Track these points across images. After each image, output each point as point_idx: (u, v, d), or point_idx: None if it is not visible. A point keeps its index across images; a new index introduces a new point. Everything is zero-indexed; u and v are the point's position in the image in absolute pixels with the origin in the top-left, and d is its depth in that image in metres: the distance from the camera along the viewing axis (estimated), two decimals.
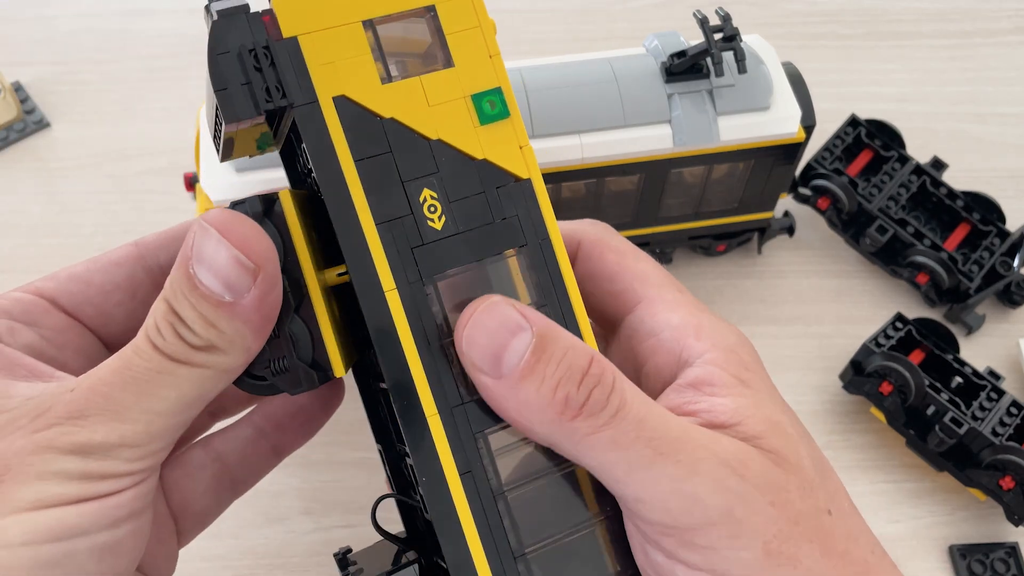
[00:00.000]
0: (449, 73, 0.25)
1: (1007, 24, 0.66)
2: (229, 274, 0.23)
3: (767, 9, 0.66)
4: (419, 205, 0.24)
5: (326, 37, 0.24)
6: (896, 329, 0.48)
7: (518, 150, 0.25)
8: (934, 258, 0.49)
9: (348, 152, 0.24)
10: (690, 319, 0.28)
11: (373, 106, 0.24)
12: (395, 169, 0.24)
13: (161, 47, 0.63)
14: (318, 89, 0.24)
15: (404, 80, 0.24)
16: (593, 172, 0.44)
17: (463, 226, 0.25)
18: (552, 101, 0.43)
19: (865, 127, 0.53)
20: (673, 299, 0.28)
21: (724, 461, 0.23)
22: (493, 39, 0.25)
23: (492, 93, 0.25)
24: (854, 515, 0.26)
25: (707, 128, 0.43)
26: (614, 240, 0.30)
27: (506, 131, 0.25)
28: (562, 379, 0.23)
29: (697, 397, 0.26)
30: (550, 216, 0.26)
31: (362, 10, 0.24)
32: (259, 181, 0.41)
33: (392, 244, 0.24)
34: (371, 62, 0.24)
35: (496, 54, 0.25)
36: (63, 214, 0.55)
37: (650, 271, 0.29)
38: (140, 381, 0.23)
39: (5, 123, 0.58)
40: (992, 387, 0.46)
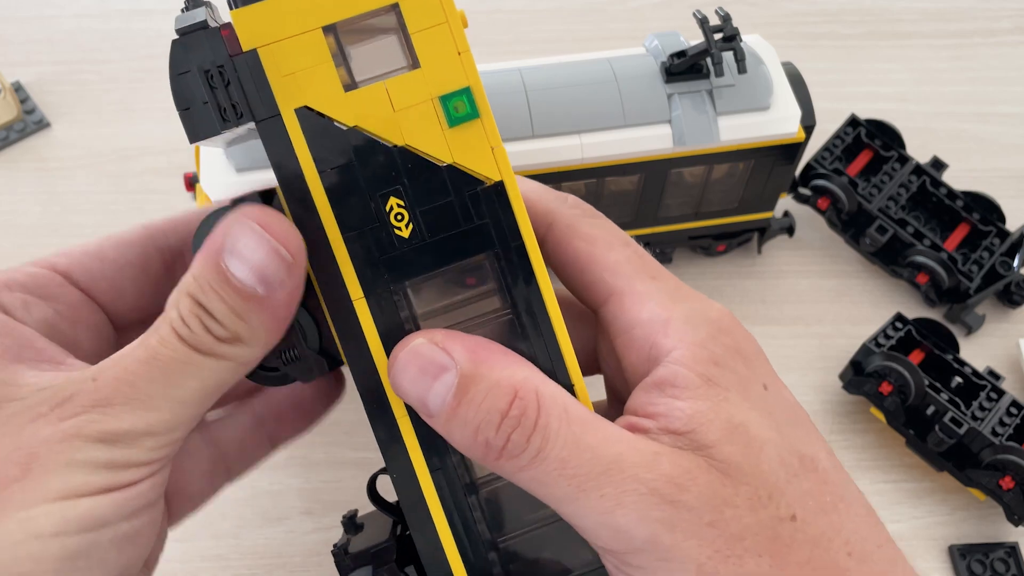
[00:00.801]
0: (415, 75, 0.24)
1: (1007, 24, 0.66)
2: (267, 267, 0.23)
3: (767, 9, 0.66)
4: (385, 214, 0.24)
5: (286, 47, 0.23)
6: (896, 329, 0.48)
7: (489, 152, 0.24)
8: (934, 258, 0.49)
9: (312, 164, 0.24)
10: (660, 313, 0.26)
11: (336, 115, 0.24)
12: (360, 179, 0.24)
13: (161, 47, 0.63)
14: (280, 101, 0.23)
15: (369, 86, 0.24)
16: (593, 172, 0.44)
17: (431, 234, 0.24)
18: (552, 101, 0.43)
19: (865, 127, 0.53)
20: (644, 291, 0.27)
21: (654, 489, 0.23)
22: (462, 34, 0.24)
23: (460, 94, 0.24)
24: (837, 512, 0.24)
25: (707, 128, 0.43)
26: (585, 226, 0.28)
27: (476, 133, 0.24)
28: (481, 424, 0.23)
29: (659, 399, 0.25)
30: (523, 219, 0.25)
31: (322, 16, 0.23)
32: (259, 181, 0.41)
33: (359, 254, 0.24)
34: (333, 70, 0.23)
35: (465, 50, 0.24)
36: (63, 214, 0.55)
37: (621, 261, 0.27)
38: (167, 371, 0.24)
39: (5, 123, 0.58)
40: (992, 387, 0.46)
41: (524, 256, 0.25)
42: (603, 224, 0.29)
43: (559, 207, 0.28)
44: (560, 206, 0.28)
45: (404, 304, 0.25)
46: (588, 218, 0.28)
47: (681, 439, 0.24)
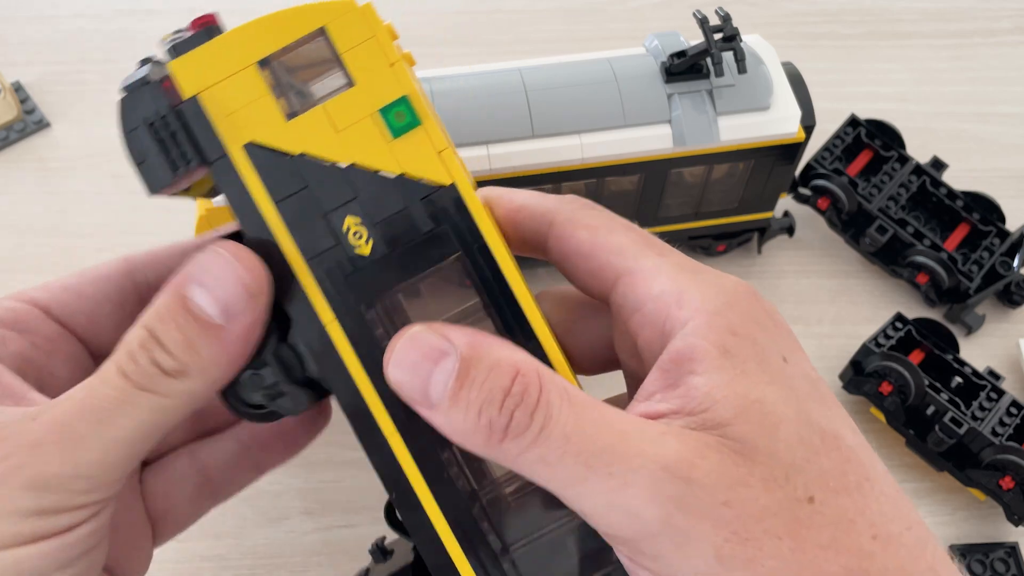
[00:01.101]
0: (352, 93, 0.24)
1: (1007, 24, 0.66)
2: (230, 297, 0.23)
3: (767, 9, 0.66)
4: (344, 234, 0.24)
5: (225, 88, 0.24)
6: (896, 329, 0.48)
7: (436, 156, 0.24)
8: (934, 258, 0.49)
9: (267, 196, 0.24)
10: (671, 285, 0.25)
11: (282, 145, 0.24)
12: (314, 204, 0.24)
13: None
14: (227, 141, 0.24)
15: (309, 111, 0.24)
16: (593, 172, 0.44)
17: (391, 246, 0.24)
18: (552, 101, 0.43)
19: (865, 127, 0.53)
20: (653, 266, 0.26)
21: (664, 466, 0.22)
22: (391, 46, 0.24)
23: (398, 104, 0.24)
24: (861, 492, 0.23)
25: (707, 128, 0.43)
26: (587, 216, 0.27)
27: (421, 140, 0.24)
28: (484, 403, 0.23)
29: (675, 377, 0.24)
30: (480, 217, 0.25)
31: (254, 52, 0.24)
32: None
33: (324, 277, 0.24)
34: (273, 102, 0.24)
35: (396, 61, 0.24)
36: (63, 214, 0.55)
37: (625, 242, 0.26)
38: (100, 409, 0.23)
39: (5, 123, 0.58)
40: (992, 387, 0.46)
41: (489, 255, 0.25)
42: (603, 213, 0.28)
43: (557, 205, 0.28)
44: (557, 204, 0.28)
45: (378, 321, 0.25)
46: (586, 209, 0.28)
47: (694, 419, 0.23)
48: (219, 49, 0.24)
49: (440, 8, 0.65)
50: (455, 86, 0.43)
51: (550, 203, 0.28)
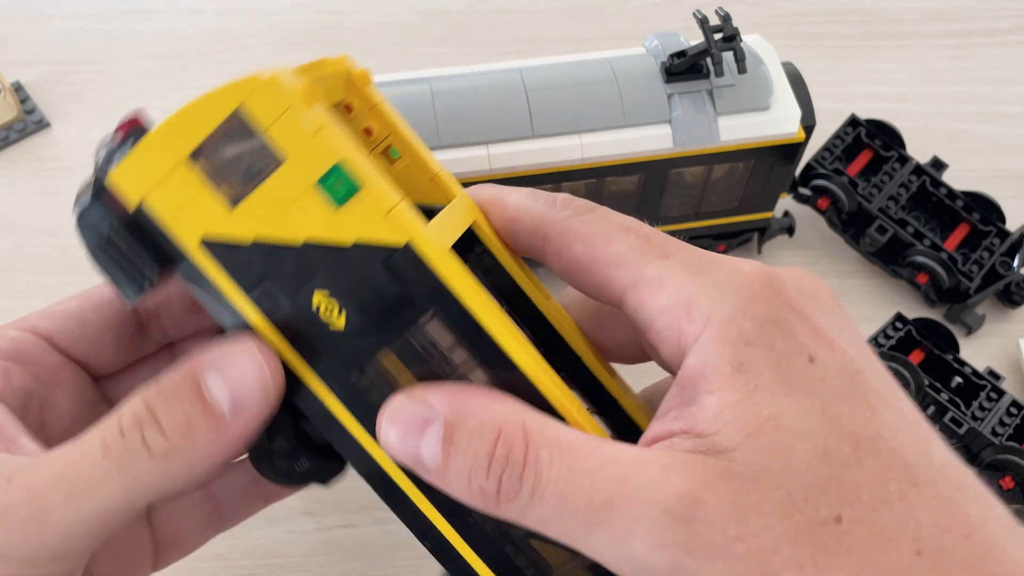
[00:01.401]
0: (285, 169, 0.23)
1: (1007, 24, 0.66)
2: (246, 392, 0.23)
3: (767, 9, 0.66)
4: (315, 312, 0.24)
5: (165, 189, 0.23)
6: (896, 329, 0.48)
7: (385, 217, 0.23)
8: (934, 258, 0.50)
9: (235, 288, 0.24)
10: (678, 294, 0.23)
11: (234, 235, 0.23)
12: (281, 287, 0.24)
13: (161, 47, 0.63)
14: (183, 242, 0.24)
15: (250, 195, 0.23)
16: (593, 172, 0.44)
17: (363, 315, 0.24)
18: (552, 101, 0.43)
19: (865, 127, 0.53)
20: (657, 274, 0.24)
21: (666, 508, 0.20)
22: (311, 112, 0.23)
23: (332, 173, 0.23)
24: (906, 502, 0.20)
25: (707, 128, 0.43)
26: (581, 225, 0.26)
27: (366, 202, 0.23)
28: (472, 470, 0.22)
29: (691, 395, 0.22)
30: (447, 268, 0.23)
31: (182, 147, 0.23)
32: None
33: (311, 356, 0.24)
34: (212, 193, 0.23)
35: (322, 127, 0.22)
36: (63, 214, 0.55)
37: (624, 250, 0.25)
38: (74, 483, 0.23)
39: (5, 123, 0.58)
40: (992, 387, 0.46)
41: (457, 303, 0.23)
42: (598, 217, 0.26)
43: (548, 214, 0.26)
44: (549, 212, 0.26)
45: (374, 386, 0.25)
46: (580, 216, 0.26)
47: (704, 441, 0.21)
48: (148, 151, 0.23)
49: (440, 8, 0.65)
50: (455, 86, 0.43)
51: (542, 211, 0.26)
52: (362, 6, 0.66)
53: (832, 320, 0.23)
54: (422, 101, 0.42)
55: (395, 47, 0.64)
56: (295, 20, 0.65)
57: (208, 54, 0.63)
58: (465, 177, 0.43)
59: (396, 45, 0.64)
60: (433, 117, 0.42)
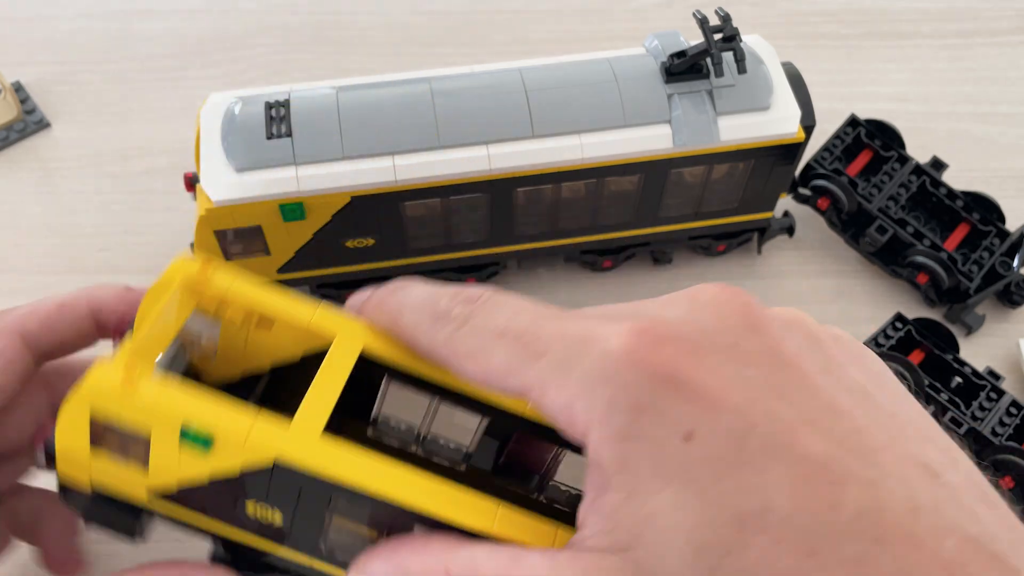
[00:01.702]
0: (155, 439, 0.26)
1: (1007, 24, 0.66)
2: None
3: (767, 9, 0.66)
4: (254, 518, 0.27)
5: (95, 471, 0.27)
6: (896, 329, 0.48)
7: (245, 447, 0.25)
8: (934, 258, 0.50)
9: (191, 513, 0.28)
10: (560, 401, 0.22)
11: (158, 487, 0.27)
12: (223, 509, 0.27)
13: (161, 47, 0.63)
14: (137, 499, 0.27)
15: (150, 459, 0.26)
16: (593, 172, 0.44)
17: (288, 511, 0.27)
18: (552, 101, 0.43)
19: (865, 127, 0.53)
20: (537, 381, 0.23)
21: None
22: (138, 398, 0.26)
23: (184, 434, 0.26)
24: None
25: (707, 128, 0.43)
26: (462, 344, 0.24)
27: (226, 442, 0.25)
28: None
29: (590, 501, 0.22)
30: (317, 463, 0.25)
31: (81, 443, 0.27)
32: (259, 181, 0.41)
33: (276, 539, 0.28)
34: (126, 465, 0.27)
35: (155, 405, 0.26)
36: (63, 214, 0.55)
37: (504, 361, 0.23)
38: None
39: (5, 123, 0.58)
40: (992, 387, 0.46)
41: (341, 486, 0.25)
42: (474, 329, 0.25)
43: (436, 338, 0.25)
44: (437, 335, 0.25)
45: (336, 542, 0.27)
46: (460, 331, 0.25)
47: (607, 538, 0.21)
48: (64, 449, 0.27)
49: (440, 8, 0.65)
50: (455, 86, 0.43)
51: (428, 337, 0.26)
52: (362, 6, 0.66)
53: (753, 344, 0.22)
54: (422, 101, 0.42)
55: (395, 47, 0.64)
56: (295, 20, 0.65)
57: (208, 54, 0.63)
58: (465, 177, 0.43)
59: (396, 45, 0.64)
60: (433, 117, 0.42)
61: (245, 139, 0.41)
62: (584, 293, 0.52)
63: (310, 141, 0.41)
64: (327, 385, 0.27)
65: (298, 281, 0.48)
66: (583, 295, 0.52)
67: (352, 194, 0.42)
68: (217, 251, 0.44)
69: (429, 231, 0.46)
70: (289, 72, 0.62)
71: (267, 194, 0.41)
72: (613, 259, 0.52)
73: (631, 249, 0.52)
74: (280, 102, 0.42)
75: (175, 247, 0.53)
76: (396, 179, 0.42)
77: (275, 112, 0.42)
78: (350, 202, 0.43)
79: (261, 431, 0.25)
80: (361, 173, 0.42)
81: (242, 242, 0.44)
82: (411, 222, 0.45)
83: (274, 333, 0.30)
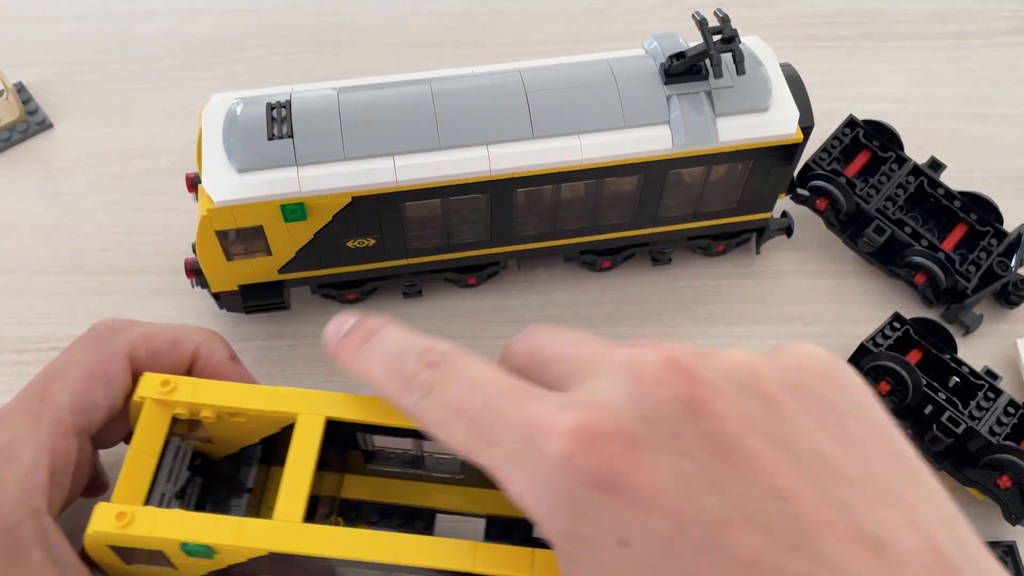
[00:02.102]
0: (167, 552, 0.32)
1: (1005, 25, 0.66)
2: None
3: (765, 10, 0.66)
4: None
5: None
6: (894, 329, 0.48)
7: (240, 546, 0.31)
8: (932, 258, 0.50)
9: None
10: (513, 490, 0.23)
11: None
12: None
13: (162, 48, 0.63)
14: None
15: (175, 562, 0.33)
16: (592, 173, 0.44)
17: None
18: (551, 102, 0.43)
19: (863, 128, 0.53)
20: (491, 466, 0.24)
21: None
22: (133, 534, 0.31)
23: (184, 548, 0.31)
24: None
25: (706, 129, 0.44)
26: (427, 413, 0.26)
27: (222, 548, 0.31)
28: None
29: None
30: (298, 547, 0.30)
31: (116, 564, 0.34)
32: (261, 182, 0.41)
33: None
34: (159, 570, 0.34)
35: (149, 538, 0.31)
36: (65, 214, 0.55)
37: (461, 440, 0.25)
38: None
39: (8, 124, 0.58)
40: (989, 386, 0.46)
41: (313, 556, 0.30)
42: (436, 403, 0.26)
43: (407, 404, 0.27)
44: (407, 400, 0.27)
45: None
46: (425, 402, 0.26)
47: None
48: (107, 567, 0.34)
49: (440, 9, 0.66)
50: (455, 87, 0.43)
51: (401, 403, 0.27)
52: (362, 7, 0.66)
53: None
54: (423, 102, 0.43)
55: (395, 48, 0.64)
56: (295, 20, 0.65)
57: (209, 54, 0.63)
58: (465, 178, 0.43)
59: (396, 46, 0.64)
60: (434, 118, 0.42)
61: (246, 140, 0.41)
62: (583, 293, 0.53)
63: (311, 142, 0.41)
64: (299, 473, 0.31)
65: (299, 281, 0.48)
66: (582, 295, 0.53)
67: (353, 194, 0.42)
68: (219, 251, 0.44)
69: (429, 231, 0.47)
70: (290, 73, 0.62)
71: (268, 195, 0.41)
72: (612, 259, 0.52)
73: (630, 249, 0.52)
74: (281, 103, 0.42)
75: (177, 248, 0.53)
76: (397, 180, 0.42)
77: (276, 113, 0.42)
78: (351, 202, 0.43)
79: (250, 534, 0.30)
80: (362, 174, 0.42)
81: (243, 242, 0.44)
82: (412, 222, 0.45)
83: (241, 419, 0.35)
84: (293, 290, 0.51)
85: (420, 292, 0.52)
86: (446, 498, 0.39)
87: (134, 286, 0.52)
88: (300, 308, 0.51)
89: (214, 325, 0.50)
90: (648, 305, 0.52)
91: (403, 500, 0.39)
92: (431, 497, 0.39)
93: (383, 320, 0.30)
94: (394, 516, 0.39)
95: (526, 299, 0.52)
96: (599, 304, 0.52)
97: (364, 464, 0.39)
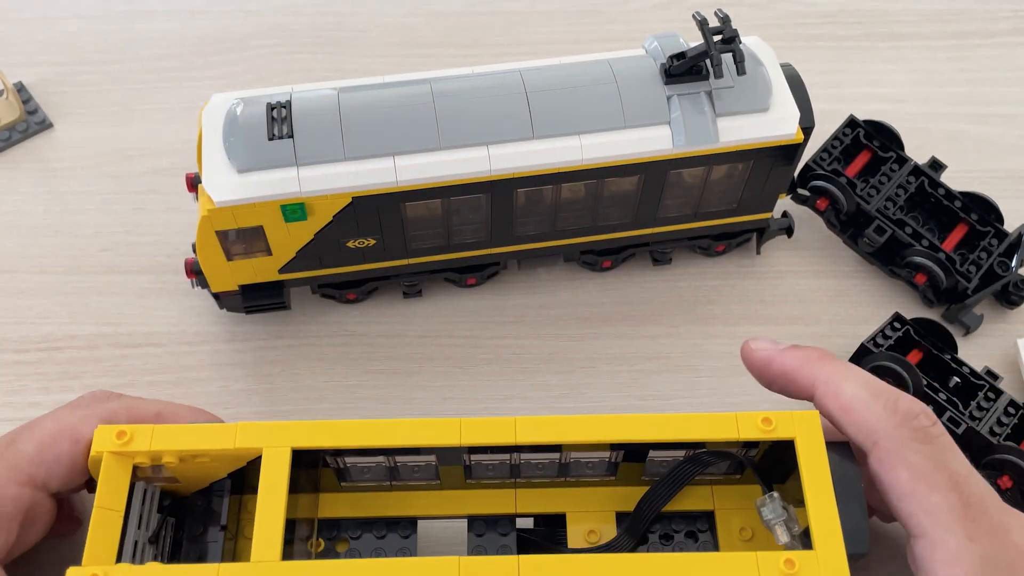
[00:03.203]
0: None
1: (1005, 25, 0.66)
2: None
3: (766, 11, 0.66)
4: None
5: None
6: (894, 329, 0.48)
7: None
8: (932, 258, 0.50)
9: None
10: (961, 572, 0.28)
11: None
12: None
13: (162, 48, 0.63)
14: None
15: None
16: (593, 173, 0.44)
17: None
18: (552, 102, 0.43)
19: (863, 128, 0.53)
20: (956, 551, 0.28)
21: None
22: None
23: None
24: None
25: (706, 129, 0.44)
26: (911, 453, 0.30)
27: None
28: None
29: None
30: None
31: None
32: (261, 182, 0.41)
33: None
34: None
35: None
36: (65, 214, 0.55)
37: (942, 507, 0.29)
38: None
39: (8, 123, 0.58)
40: (990, 387, 0.46)
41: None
42: (932, 452, 0.30)
43: (885, 424, 0.30)
44: (887, 422, 0.30)
45: None
46: (916, 444, 0.30)
47: None
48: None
49: (440, 9, 0.66)
50: (455, 87, 0.43)
51: (877, 417, 0.30)
52: (362, 7, 0.66)
53: None
54: (423, 102, 0.43)
55: (395, 48, 0.64)
56: (295, 20, 0.65)
57: (209, 54, 0.63)
58: (466, 178, 0.43)
59: (396, 46, 0.64)
60: (434, 118, 0.42)
61: (247, 140, 0.41)
62: (584, 293, 0.53)
63: (311, 142, 0.41)
64: (271, 509, 0.32)
65: (299, 281, 0.48)
66: (583, 295, 0.53)
67: (353, 195, 0.42)
68: (219, 251, 0.44)
69: (430, 231, 0.47)
70: (290, 73, 0.62)
71: (269, 195, 0.41)
72: (612, 259, 0.52)
73: (630, 249, 0.52)
74: (282, 103, 0.42)
75: (177, 247, 0.53)
76: (397, 180, 0.42)
77: (277, 113, 0.42)
78: (351, 203, 0.43)
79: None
80: (362, 174, 0.42)
81: (244, 242, 0.44)
82: (412, 222, 0.45)
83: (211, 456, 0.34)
84: (293, 290, 0.51)
85: (420, 292, 0.52)
86: (425, 503, 0.39)
87: (134, 286, 0.52)
88: (300, 308, 0.51)
89: (214, 325, 0.51)
90: (648, 305, 0.52)
91: (382, 512, 0.39)
92: (410, 505, 0.39)
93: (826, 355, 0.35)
94: (375, 528, 0.39)
95: (526, 299, 0.52)
96: (599, 304, 0.52)
97: (338, 482, 0.38)
